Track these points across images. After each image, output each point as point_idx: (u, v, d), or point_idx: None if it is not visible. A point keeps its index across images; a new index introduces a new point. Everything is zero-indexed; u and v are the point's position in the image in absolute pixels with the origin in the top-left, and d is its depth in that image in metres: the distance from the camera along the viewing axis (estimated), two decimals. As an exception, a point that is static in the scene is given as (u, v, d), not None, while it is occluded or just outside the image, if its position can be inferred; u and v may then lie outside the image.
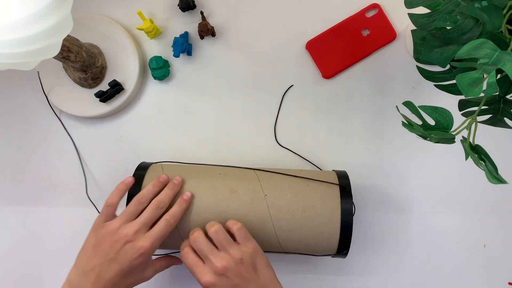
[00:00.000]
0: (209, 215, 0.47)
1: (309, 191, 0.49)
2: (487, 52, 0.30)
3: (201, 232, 0.45)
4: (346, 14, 0.59)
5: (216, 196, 0.48)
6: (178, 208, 0.46)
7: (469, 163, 0.53)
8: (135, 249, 0.43)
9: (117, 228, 0.44)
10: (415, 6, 0.39)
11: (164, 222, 0.45)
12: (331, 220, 0.47)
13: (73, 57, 0.50)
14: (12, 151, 0.62)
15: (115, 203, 0.47)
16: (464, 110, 0.42)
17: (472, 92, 0.30)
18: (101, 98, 0.57)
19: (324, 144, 0.60)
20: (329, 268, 0.59)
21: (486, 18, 0.33)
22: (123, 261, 0.43)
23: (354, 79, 0.59)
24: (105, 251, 0.43)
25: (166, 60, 0.59)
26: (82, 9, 0.60)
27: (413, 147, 0.59)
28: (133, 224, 0.44)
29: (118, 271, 0.43)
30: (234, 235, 0.45)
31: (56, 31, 0.37)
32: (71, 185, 0.61)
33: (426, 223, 0.59)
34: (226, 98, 0.60)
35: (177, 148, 0.60)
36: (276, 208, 0.48)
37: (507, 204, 0.59)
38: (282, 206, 0.48)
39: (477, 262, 0.59)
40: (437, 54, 0.37)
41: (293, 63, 0.59)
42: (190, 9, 0.59)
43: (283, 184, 0.49)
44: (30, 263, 0.61)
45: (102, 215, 0.46)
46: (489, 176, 0.34)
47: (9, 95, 0.61)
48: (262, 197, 0.48)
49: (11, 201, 0.62)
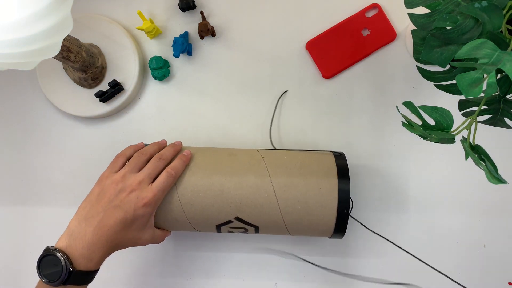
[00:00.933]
0: (206, 171, 0.48)
1: (305, 155, 0.51)
2: (487, 52, 0.30)
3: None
4: (346, 14, 0.59)
5: (216, 157, 0.50)
6: (179, 161, 0.47)
7: (469, 163, 0.53)
8: (139, 198, 0.44)
9: (122, 177, 0.45)
10: (415, 6, 0.39)
11: (165, 174, 0.46)
12: (328, 175, 0.48)
13: (73, 57, 0.50)
14: (12, 151, 0.61)
15: (125, 154, 0.48)
16: (464, 110, 0.42)
17: (472, 92, 0.30)
18: (101, 98, 0.57)
19: (324, 144, 0.60)
20: (328, 268, 0.59)
21: (486, 18, 0.33)
22: (127, 208, 0.43)
23: (354, 79, 0.59)
24: (109, 198, 0.44)
25: (166, 60, 0.59)
26: (82, 9, 0.60)
27: (413, 147, 0.59)
28: (137, 175, 0.45)
29: (121, 219, 0.43)
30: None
31: (56, 31, 0.37)
32: (71, 185, 0.61)
33: (426, 223, 0.59)
34: (226, 98, 0.60)
35: (177, 148, 0.60)
36: (274, 166, 0.49)
37: (507, 204, 0.59)
38: (279, 165, 0.49)
39: (477, 262, 0.59)
40: (437, 54, 0.37)
41: (293, 63, 0.59)
42: (190, 9, 0.59)
43: (280, 153, 0.52)
44: (30, 263, 0.61)
45: (110, 165, 0.48)
46: (489, 176, 0.34)
47: (9, 95, 0.61)
48: (260, 159, 0.50)
49: (11, 201, 0.61)
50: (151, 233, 0.48)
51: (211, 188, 0.48)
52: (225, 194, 0.48)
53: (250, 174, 0.48)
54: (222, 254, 0.60)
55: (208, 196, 0.48)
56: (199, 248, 0.60)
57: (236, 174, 0.48)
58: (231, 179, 0.48)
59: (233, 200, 0.48)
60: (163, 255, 0.60)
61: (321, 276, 0.59)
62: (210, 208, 0.48)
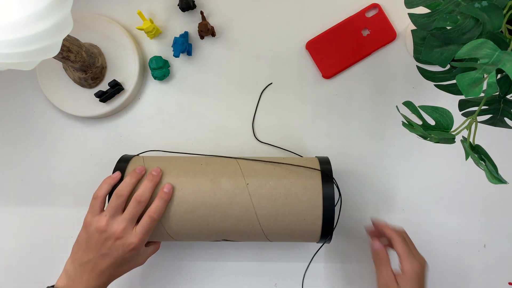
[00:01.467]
0: (191, 206, 0.47)
1: (290, 178, 0.48)
2: (487, 52, 0.30)
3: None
4: (346, 14, 0.59)
5: (198, 186, 0.48)
6: (159, 202, 0.46)
7: (469, 163, 0.53)
8: (125, 245, 0.46)
9: (105, 225, 0.46)
10: (415, 6, 0.39)
11: (148, 218, 0.46)
12: (313, 206, 0.47)
13: (73, 57, 0.50)
14: (12, 151, 0.61)
15: (101, 195, 0.48)
16: (464, 110, 0.42)
17: (472, 92, 0.30)
18: (101, 98, 0.57)
19: (324, 144, 0.60)
20: (325, 272, 0.59)
21: (486, 18, 0.33)
22: (116, 255, 0.46)
23: (354, 79, 0.59)
24: (97, 247, 0.46)
25: (166, 60, 0.59)
26: (82, 9, 0.60)
27: (413, 147, 0.59)
28: (119, 221, 0.46)
29: (112, 263, 0.46)
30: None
31: (56, 31, 0.37)
32: (71, 185, 0.61)
33: (426, 223, 0.59)
34: (226, 98, 0.60)
35: (176, 148, 0.60)
36: (258, 196, 0.47)
37: (507, 204, 0.59)
38: (264, 194, 0.47)
39: (477, 262, 0.59)
40: (437, 54, 0.37)
41: (293, 63, 0.59)
42: (190, 9, 0.59)
43: (265, 172, 0.49)
44: (30, 263, 0.61)
45: (90, 208, 0.48)
46: (489, 176, 0.34)
47: (9, 95, 0.61)
48: (244, 186, 0.48)
49: (11, 201, 0.61)
50: (146, 255, 0.51)
51: (196, 221, 0.48)
52: (211, 225, 0.48)
53: (234, 206, 0.47)
54: (223, 251, 0.60)
55: (194, 227, 0.48)
56: (199, 246, 0.60)
57: (220, 206, 0.47)
58: (215, 212, 0.47)
59: (219, 230, 0.48)
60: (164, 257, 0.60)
61: (321, 276, 0.59)
62: (197, 235, 0.49)
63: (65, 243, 0.61)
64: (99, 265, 0.46)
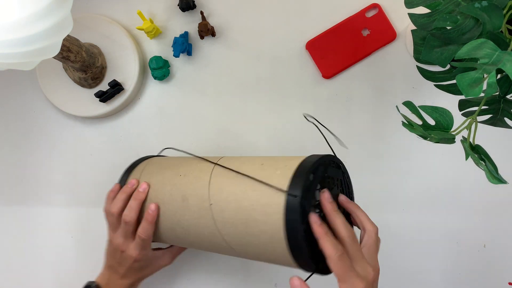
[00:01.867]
0: (169, 224, 0.48)
1: (252, 199, 0.39)
2: (487, 52, 0.30)
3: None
4: (346, 14, 0.59)
5: (172, 205, 0.47)
6: (145, 223, 0.48)
7: (469, 163, 0.53)
8: (128, 257, 0.50)
9: (111, 238, 0.51)
10: (415, 6, 0.39)
11: (138, 239, 0.49)
12: (275, 240, 0.37)
13: (73, 57, 0.50)
14: (12, 151, 0.61)
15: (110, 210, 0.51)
16: (464, 110, 0.42)
17: (472, 92, 0.30)
18: (101, 98, 0.57)
19: (324, 144, 0.60)
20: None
21: (486, 18, 0.33)
22: (126, 264, 0.50)
23: (354, 79, 0.59)
24: (113, 255, 0.51)
25: (166, 60, 0.59)
26: (82, 9, 0.60)
27: (413, 147, 0.59)
28: (118, 237, 0.50)
29: (128, 269, 0.51)
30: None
31: (56, 31, 0.37)
32: (71, 185, 0.61)
33: (426, 223, 0.59)
34: (226, 98, 0.60)
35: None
36: (221, 221, 0.42)
37: (507, 204, 0.59)
38: (226, 220, 0.41)
39: (477, 262, 0.59)
40: (437, 54, 0.37)
41: (293, 63, 0.59)
42: (190, 9, 0.59)
43: (231, 188, 0.42)
44: (30, 263, 0.61)
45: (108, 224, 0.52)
46: (489, 176, 0.34)
47: (9, 95, 0.61)
48: (208, 207, 0.43)
49: (11, 201, 0.61)
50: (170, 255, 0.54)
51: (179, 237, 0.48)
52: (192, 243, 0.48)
53: (202, 228, 0.44)
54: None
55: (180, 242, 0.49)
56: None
57: (192, 226, 0.46)
58: (189, 232, 0.46)
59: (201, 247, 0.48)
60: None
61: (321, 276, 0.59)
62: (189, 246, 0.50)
63: (65, 243, 0.61)
64: (120, 269, 0.51)
